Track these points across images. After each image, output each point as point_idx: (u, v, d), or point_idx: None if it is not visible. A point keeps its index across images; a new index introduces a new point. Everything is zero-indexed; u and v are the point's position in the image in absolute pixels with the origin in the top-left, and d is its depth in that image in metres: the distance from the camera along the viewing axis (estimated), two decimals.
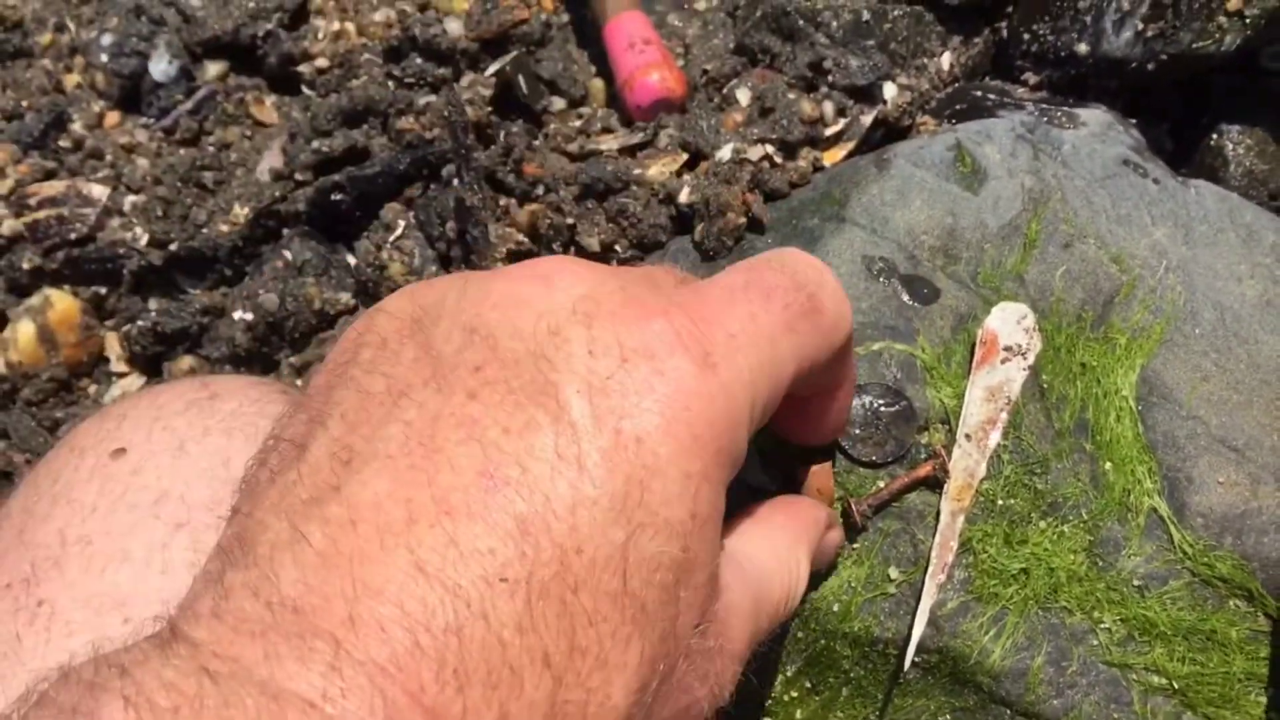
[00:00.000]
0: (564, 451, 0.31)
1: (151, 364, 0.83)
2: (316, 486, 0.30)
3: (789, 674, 0.56)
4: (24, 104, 0.90)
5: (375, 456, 0.31)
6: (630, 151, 0.77)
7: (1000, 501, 0.56)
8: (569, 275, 0.36)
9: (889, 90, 0.78)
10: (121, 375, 0.85)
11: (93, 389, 0.85)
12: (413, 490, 0.30)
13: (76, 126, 0.89)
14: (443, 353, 0.33)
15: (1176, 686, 0.54)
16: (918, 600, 0.54)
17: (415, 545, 0.28)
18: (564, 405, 0.32)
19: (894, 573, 0.55)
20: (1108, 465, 0.57)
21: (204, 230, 0.84)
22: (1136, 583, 0.55)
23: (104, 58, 0.90)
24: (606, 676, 0.30)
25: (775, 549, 0.45)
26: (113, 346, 0.85)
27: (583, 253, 0.73)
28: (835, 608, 0.55)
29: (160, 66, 0.88)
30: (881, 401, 0.57)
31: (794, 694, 0.56)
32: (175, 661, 0.27)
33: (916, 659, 0.54)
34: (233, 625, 0.27)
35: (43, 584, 0.49)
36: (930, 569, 0.54)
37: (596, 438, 0.31)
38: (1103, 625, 0.55)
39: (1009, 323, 0.59)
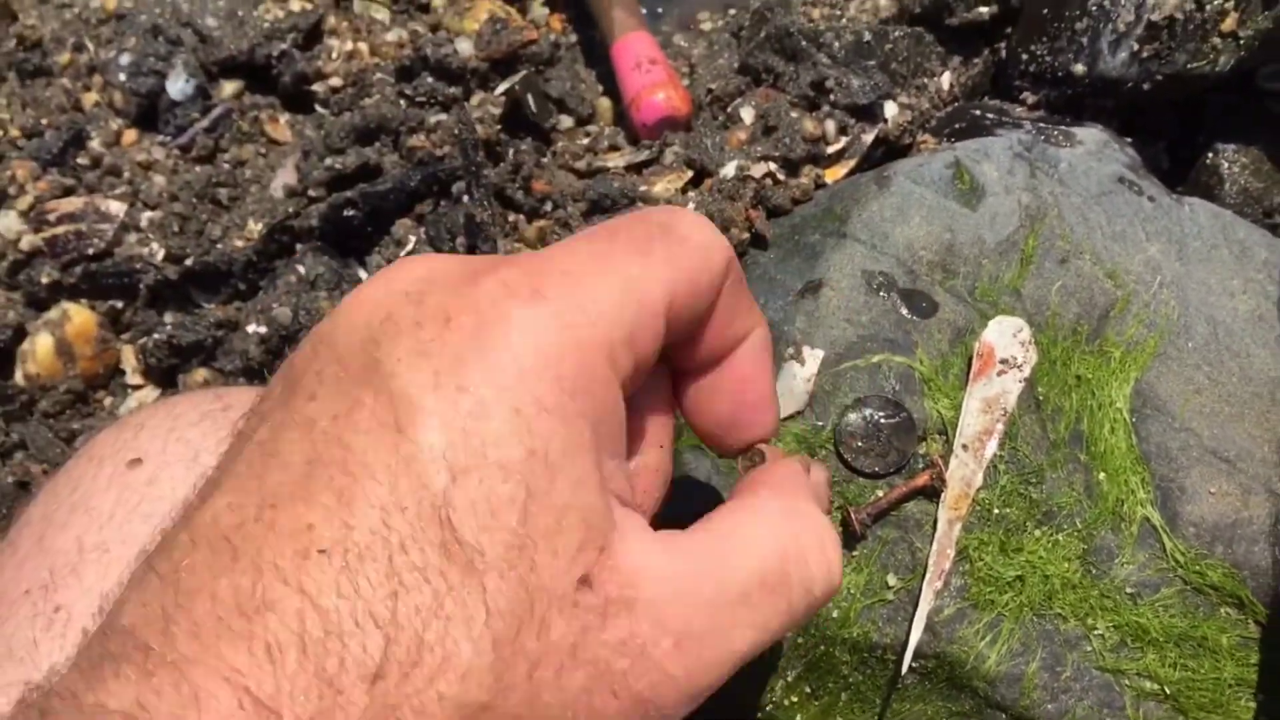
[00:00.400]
0: (382, 419, 0.31)
1: (166, 376, 0.85)
2: (173, 525, 0.32)
3: (789, 679, 0.57)
4: (43, 122, 0.92)
5: (222, 482, 0.32)
6: (637, 169, 0.79)
7: (996, 510, 0.57)
8: (410, 264, 0.35)
9: (890, 109, 0.79)
10: (136, 388, 0.86)
11: (108, 401, 0.87)
12: (244, 496, 0.30)
13: (95, 144, 0.91)
14: (295, 371, 0.34)
15: (1168, 692, 0.55)
16: (915, 606, 0.55)
17: (239, 541, 0.29)
18: (385, 377, 0.32)
19: (892, 580, 0.56)
20: (1101, 475, 0.58)
21: (219, 245, 0.86)
22: (1129, 590, 0.56)
23: (122, 77, 0.92)
24: (445, 629, 0.30)
25: (770, 520, 0.38)
26: (128, 359, 0.86)
27: None
28: (834, 614, 0.56)
29: (177, 85, 0.90)
30: (882, 414, 0.58)
31: (794, 699, 0.57)
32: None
33: (914, 664, 0.56)
34: (78, 667, 0.29)
35: (60, 590, 0.50)
36: (928, 576, 0.55)
37: (419, 398, 0.31)
38: (1096, 632, 0.56)
39: (1005, 336, 0.60)
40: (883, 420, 0.58)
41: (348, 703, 0.28)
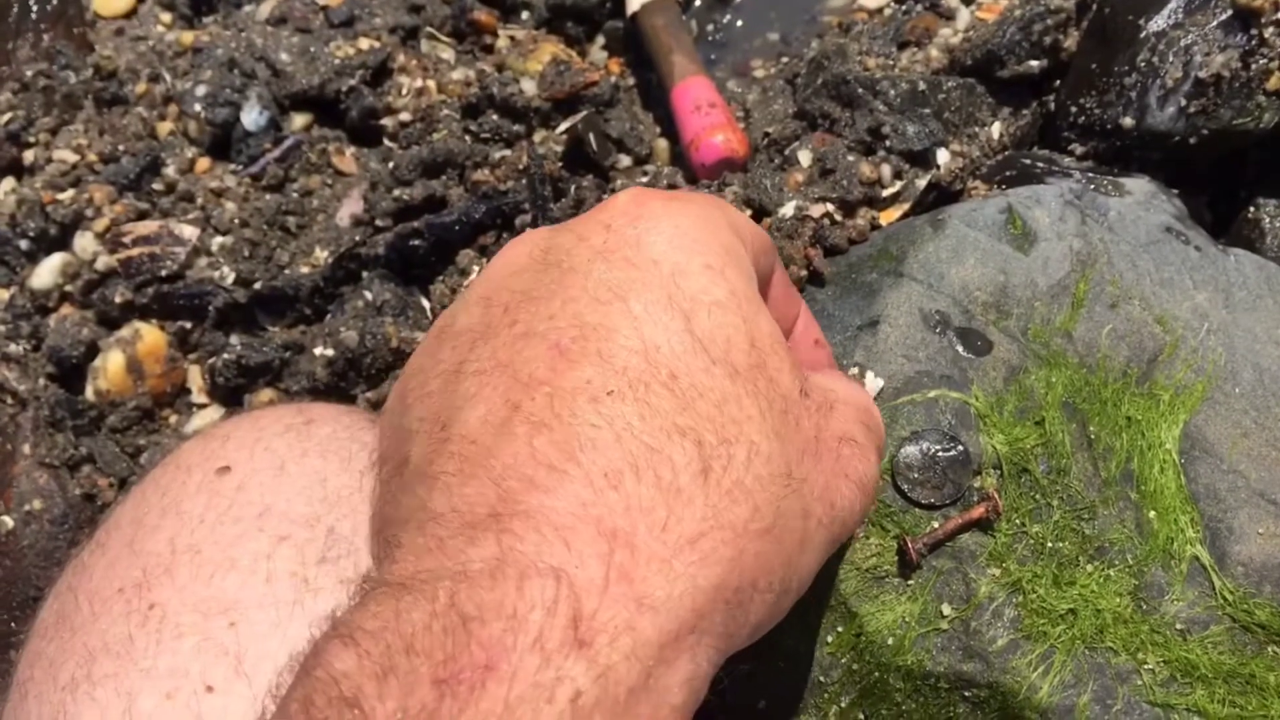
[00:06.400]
0: (601, 298, 0.37)
1: (231, 396, 0.88)
2: (432, 440, 0.36)
3: (843, 705, 0.59)
4: (120, 148, 0.96)
5: (472, 385, 0.37)
6: None
7: (1050, 544, 0.59)
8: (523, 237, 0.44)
9: (942, 156, 0.82)
10: (202, 406, 0.89)
11: (174, 419, 0.89)
12: (506, 392, 0.36)
13: (169, 171, 0.95)
14: (490, 309, 0.40)
15: None
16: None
17: (523, 421, 0.34)
18: (582, 274, 0.39)
19: (947, 609, 0.58)
20: (1152, 514, 0.60)
21: (286, 271, 0.89)
22: (1179, 626, 0.58)
23: (198, 107, 0.95)
24: (740, 429, 0.35)
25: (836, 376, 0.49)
26: (194, 379, 0.89)
27: None
28: (889, 641, 0.58)
29: (251, 116, 0.94)
30: (939, 447, 0.60)
31: None
32: (377, 595, 0.31)
33: (967, 693, 0.57)
34: (414, 556, 0.33)
35: (154, 589, 0.52)
36: None
37: (619, 278, 0.38)
38: (1146, 666, 0.57)
39: None
40: (940, 453, 0.60)
41: (690, 499, 0.33)
